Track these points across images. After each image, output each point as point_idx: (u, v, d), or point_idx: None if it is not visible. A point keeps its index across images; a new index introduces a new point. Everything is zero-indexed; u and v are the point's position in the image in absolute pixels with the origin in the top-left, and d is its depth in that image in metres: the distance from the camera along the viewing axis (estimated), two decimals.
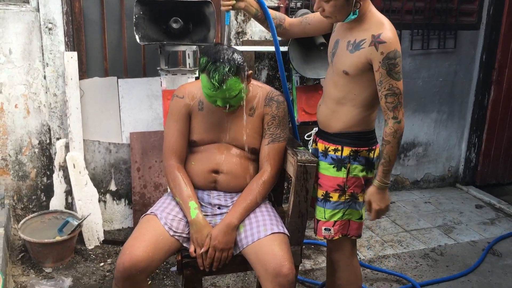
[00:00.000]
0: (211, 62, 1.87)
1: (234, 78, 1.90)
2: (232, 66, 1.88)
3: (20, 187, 3.06)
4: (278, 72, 3.45)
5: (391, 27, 1.83)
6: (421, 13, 3.73)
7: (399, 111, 1.85)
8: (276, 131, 2.10)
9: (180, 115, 2.09)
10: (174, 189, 2.06)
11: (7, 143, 2.96)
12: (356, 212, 2.06)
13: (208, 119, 2.08)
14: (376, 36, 1.80)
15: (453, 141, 4.20)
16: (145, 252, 1.86)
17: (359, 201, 2.05)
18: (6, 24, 2.81)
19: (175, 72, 2.95)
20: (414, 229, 3.48)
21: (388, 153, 1.90)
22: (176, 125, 2.10)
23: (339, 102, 1.99)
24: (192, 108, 2.10)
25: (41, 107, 2.98)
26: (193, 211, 1.98)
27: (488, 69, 4.01)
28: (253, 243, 1.92)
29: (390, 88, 1.82)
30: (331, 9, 1.84)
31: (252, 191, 2.04)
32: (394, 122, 1.86)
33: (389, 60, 1.79)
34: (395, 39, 1.80)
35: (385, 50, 1.79)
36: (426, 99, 3.98)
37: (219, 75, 1.86)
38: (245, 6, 2.09)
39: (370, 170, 2.04)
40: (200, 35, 2.86)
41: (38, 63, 2.92)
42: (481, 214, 3.77)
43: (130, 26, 2.99)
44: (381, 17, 1.88)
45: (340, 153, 2.00)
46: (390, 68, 1.80)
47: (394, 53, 1.79)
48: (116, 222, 3.30)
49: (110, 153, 3.19)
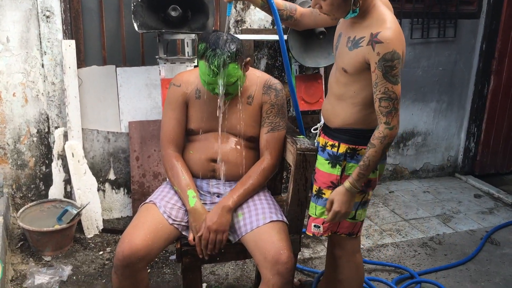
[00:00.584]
0: (210, 48, 1.86)
1: (232, 64, 1.88)
2: (231, 52, 1.86)
3: (19, 175, 3.05)
4: (277, 61, 3.44)
5: (393, 26, 1.69)
6: (421, 1, 3.71)
7: (393, 117, 1.73)
8: (275, 120, 2.09)
9: (177, 103, 2.08)
10: (172, 178, 2.06)
11: (5, 131, 2.95)
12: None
13: (206, 107, 2.07)
14: (374, 34, 1.69)
15: (452, 130, 4.20)
16: (145, 241, 1.86)
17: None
18: (3, 12, 2.78)
19: (174, 61, 2.94)
20: (412, 218, 3.49)
21: (370, 157, 1.78)
22: (173, 113, 2.09)
23: (340, 98, 1.92)
24: (189, 96, 2.08)
25: (39, 95, 2.97)
26: (191, 200, 1.98)
27: (488, 59, 4.00)
28: (252, 231, 1.93)
29: (385, 91, 1.71)
30: (328, 7, 1.75)
31: (250, 178, 2.04)
32: (385, 128, 1.74)
33: (385, 62, 1.67)
34: (395, 39, 1.67)
35: (382, 50, 1.67)
36: (425, 88, 3.97)
37: (218, 60, 1.84)
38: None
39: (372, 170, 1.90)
40: (199, 23, 2.84)
41: (36, 52, 2.90)
42: (479, 203, 3.78)
43: (128, 14, 2.97)
44: (384, 13, 1.74)
45: (336, 150, 1.93)
46: (386, 70, 1.68)
47: (392, 55, 1.66)
48: (115, 211, 3.30)
49: (109, 142, 3.18)
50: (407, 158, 4.13)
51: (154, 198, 2.05)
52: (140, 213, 2.00)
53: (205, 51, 1.87)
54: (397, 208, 3.63)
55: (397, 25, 1.71)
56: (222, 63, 1.85)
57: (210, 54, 1.85)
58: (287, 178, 3.38)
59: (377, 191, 3.85)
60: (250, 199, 2.06)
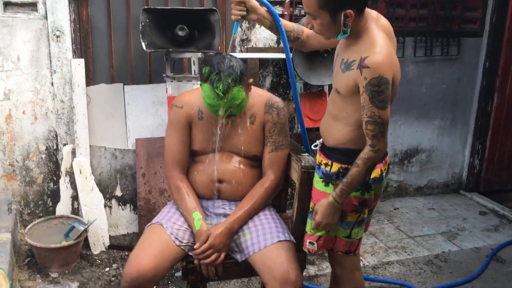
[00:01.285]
0: (215, 72, 1.86)
1: (237, 87, 1.89)
2: (235, 75, 1.87)
3: (27, 192, 3.09)
4: (282, 79, 3.48)
5: (382, 50, 1.67)
6: (424, 20, 3.76)
7: (378, 140, 1.73)
8: (278, 139, 2.10)
9: (180, 124, 2.08)
10: (178, 201, 2.07)
11: (14, 149, 3.00)
12: (343, 231, 1.96)
13: (208, 128, 2.07)
14: (363, 59, 1.67)
15: (456, 147, 4.21)
16: (152, 262, 1.87)
17: (347, 220, 1.94)
18: (14, 32, 2.85)
19: (181, 79, 2.99)
20: (418, 235, 3.49)
21: (353, 175, 1.78)
22: (176, 134, 2.09)
23: (334, 118, 1.92)
24: (192, 117, 2.08)
25: (48, 113, 3.02)
26: (197, 222, 1.99)
27: (492, 76, 4.03)
28: (260, 250, 1.94)
29: (371, 115, 1.70)
30: (318, 27, 1.75)
31: (254, 197, 2.05)
32: (370, 150, 1.74)
33: (372, 87, 1.66)
34: (382, 64, 1.65)
35: (368, 75, 1.65)
36: (429, 105, 4.00)
37: (223, 84, 1.84)
38: (258, 19, 2.00)
39: (366, 190, 1.90)
40: (205, 43, 2.90)
41: (46, 70, 2.96)
42: (485, 220, 3.78)
43: (136, 33, 3.03)
44: (376, 37, 1.72)
45: (329, 168, 1.91)
46: (372, 95, 1.67)
47: (378, 80, 1.64)
48: (122, 227, 3.32)
49: (116, 159, 3.22)
50: (411, 174, 4.14)
51: (160, 219, 2.06)
52: (147, 234, 2.01)
53: (209, 75, 1.87)
54: (402, 225, 3.64)
55: (387, 49, 1.70)
56: (227, 87, 1.85)
57: (215, 78, 1.85)
58: (292, 194, 3.39)
59: (382, 208, 3.86)
60: (257, 218, 2.07)
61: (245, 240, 2.01)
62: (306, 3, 1.74)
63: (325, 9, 1.69)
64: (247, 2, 1.96)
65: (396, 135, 3.96)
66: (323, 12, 1.70)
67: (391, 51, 1.73)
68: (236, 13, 1.97)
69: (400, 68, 1.80)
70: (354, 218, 1.95)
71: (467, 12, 3.87)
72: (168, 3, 3.10)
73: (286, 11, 3.35)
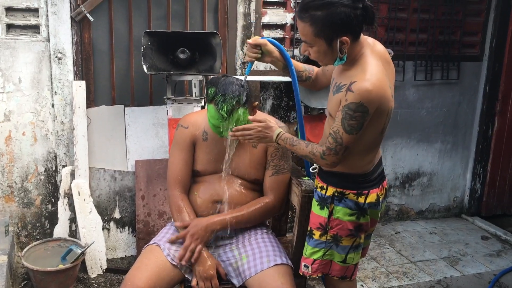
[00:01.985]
0: (220, 93, 1.90)
1: (241, 109, 1.92)
2: (240, 97, 1.91)
3: (25, 214, 3.07)
4: (283, 102, 3.49)
5: (372, 78, 1.67)
6: (424, 44, 3.78)
7: (330, 155, 1.76)
8: (279, 163, 2.11)
9: (184, 144, 2.11)
10: (178, 219, 2.06)
11: (13, 170, 2.99)
12: (338, 255, 1.94)
13: (212, 149, 2.10)
14: (351, 83, 1.69)
15: (457, 171, 4.20)
16: (148, 283, 1.85)
17: (342, 245, 1.93)
18: (16, 54, 2.87)
19: (181, 101, 2.99)
20: (419, 260, 3.44)
21: (296, 145, 1.86)
22: (181, 154, 2.11)
23: None
24: (196, 138, 2.11)
25: (48, 134, 3.01)
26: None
27: (492, 100, 4.04)
28: (256, 274, 1.92)
29: (336, 131, 1.73)
30: (315, 54, 1.77)
31: (247, 207, 2.05)
32: (320, 155, 1.78)
33: (347, 109, 1.68)
34: (367, 93, 1.65)
35: (350, 98, 1.67)
36: (430, 129, 4.00)
37: (227, 106, 1.88)
38: (272, 61, 2.02)
39: (362, 215, 1.89)
40: (207, 65, 2.91)
41: (47, 92, 2.96)
42: (487, 245, 3.74)
43: (138, 55, 3.04)
44: (369, 63, 1.73)
45: (324, 192, 1.91)
46: (345, 116, 1.69)
47: (356, 106, 1.66)
48: (120, 250, 3.28)
49: (115, 181, 3.20)
50: (413, 198, 4.11)
51: (158, 240, 2.05)
52: (144, 255, 2.00)
53: (214, 96, 1.91)
54: (404, 249, 3.59)
55: (378, 78, 1.69)
56: (231, 108, 1.89)
57: (220, 98, 1.89)
58: (292, 217, 3.36)
59: (383, 232, 3.82)
60: (254, 241, 2.05)
61: (242, 264, 1.99)
62: (302, 32, 1.75)
63: (321, 37, 1.71)
64: (263, 46, 1.96)
65: (397, 158, 3.95)
66: (319, 40, 1.72)
67: (382, 80, 1.72)
68: (251, 55, 1.97)
69: (396, 93, 1.79)
70: (349, 242, 1.93)
71: (467, 36, 3.91)
72: (170, 26, 3.13)
73: (287, 35, 3.37)
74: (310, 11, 1.69)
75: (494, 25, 3.91)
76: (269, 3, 3.32)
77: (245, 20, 3.24)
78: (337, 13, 1.66)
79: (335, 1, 1.66)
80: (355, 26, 1.71)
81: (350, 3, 1.66)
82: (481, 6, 3.89)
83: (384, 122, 1.79)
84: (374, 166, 1.92)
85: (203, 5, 3.17)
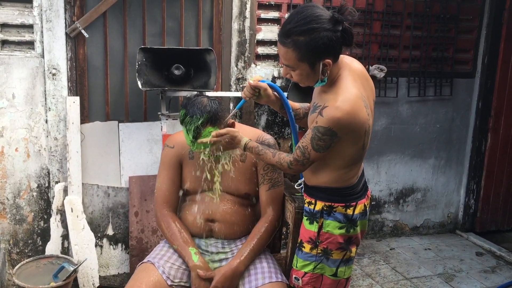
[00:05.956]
0: (189, 115, 1.91)
1: (209, 128, 1.92)
2: (205, 117, 1.90)
3: (17, 231, 3.03)
4: (277, 117, 3.50)
5: (343, 105, 1.70)
6: (417, 61, 3.82)
7: (297, 165, 1.82)
8: (273, 176, 2.11)
9: (170, 164, 2.12)
10: (171, 237, 2.05)
11: (5, 186, 2.96)
12: (329, 268, 1.93)
13: (199, 167, 2.08)
14: (323, 107, 1.73)
15: (451, 187, 4.20)
16: None
17: (332, 258, 1.92)
18: (10, 69, 2.86)
19: (176, 117, 2.99)
20: (414, 276, 3.43)
21: (263, 155, 1.89)
22: (167, 173, 2.12)
23: None
24: (183, 157, 2.11)
25: (41, 150, 3.00)
26: (194, 256, 1.97)
27: (485, 116, 4.07)
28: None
29: (304, 147, 1.78)
30: (297, 77, 1.79)
31: (256, 236, 2.04)
32: (287, 164, 1.83)
33: (317, 131, 1.73)
34: (336, 119, 1.69)
35: (319, 122, 1.72)
36: (423, 145, 4.02)
37: (193, 126, 1.89)
38: (267, 102, 2.02)
39: (352, 227, 1.90)
40: (201, 82, 2.92)
41: (41, 108, 2.95)
42: (481, 261, 3.73)
43: (132, 71, 3.05)
44: (345, 88, 1.75)
45: (313, 207, 1.91)
46: (313, 136, 1.74)
47: (325, 130, 1.71)
48: (112, 268, 3.25)
49: (109, 197, 3.18)
50: (407, 214, 4.11)
51: (152, 257, 2.03)
52: (137, 273, 1.98)
53: (184, 118, 1.93)
54: (399, 266, 3.58)
55: (350, 104, 1.71)
56: (196, 129, 1.89)
57: (188, 120, 1.91)
58: (286, 234, 3.35)
59: (377, 248, 3.81)
60: None
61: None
62: (284, 57, 1.76)
63: (304, 61, 1.73)
64: (263, 90, 1.96)
65: (391, 174, 3.96)
66: (302, 64, 1.74)
67: (355, 104, 1.73)
68: (248, 95, 1.97)
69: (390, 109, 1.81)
70: (339, 256, 1.93)
71: (459, 53, 3.95)
72: (165, 42, 3.14)
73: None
74: (292, 36, 1.70)
75: (486, 42, 3.96)
76: (263, 20, 3.35)
77: (240, 36, 3.26)
78: (320, 38, 1.68)
79: (317, 26, 1.67)
80: (336, 48, 1.73)
81: (331, 27, 1.68)
82: (473, 24, 3.94)
83: (363, 139, 1.82)
84: (358, 177, 1.94)
85: (197, 21, 3.19)
